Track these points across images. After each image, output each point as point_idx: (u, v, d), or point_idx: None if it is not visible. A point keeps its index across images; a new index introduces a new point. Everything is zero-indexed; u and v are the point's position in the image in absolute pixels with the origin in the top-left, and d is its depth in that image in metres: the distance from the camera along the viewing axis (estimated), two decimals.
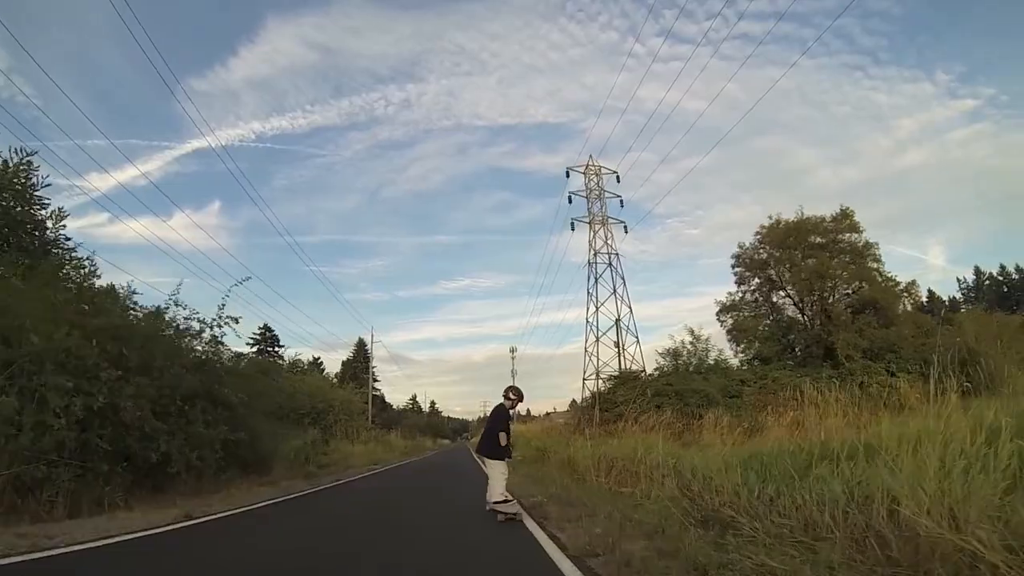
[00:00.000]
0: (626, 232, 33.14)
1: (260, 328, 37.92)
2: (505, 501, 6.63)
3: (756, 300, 28.19)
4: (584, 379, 31.33)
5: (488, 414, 7.97)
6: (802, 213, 26.69)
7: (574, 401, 38.27)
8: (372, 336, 48.92)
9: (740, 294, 28.57)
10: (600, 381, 28.33)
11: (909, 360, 19.37)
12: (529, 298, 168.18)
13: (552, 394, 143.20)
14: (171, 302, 10.48)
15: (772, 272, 27.15)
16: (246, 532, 6.49)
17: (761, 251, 27.57)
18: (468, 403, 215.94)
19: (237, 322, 11.26)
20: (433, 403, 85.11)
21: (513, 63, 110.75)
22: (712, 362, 23.24)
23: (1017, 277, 48.61)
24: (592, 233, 32.26)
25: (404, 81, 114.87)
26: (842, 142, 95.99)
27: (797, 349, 25.52)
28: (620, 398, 21.71)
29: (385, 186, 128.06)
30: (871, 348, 21.59)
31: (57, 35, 66.01)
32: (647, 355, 32.35)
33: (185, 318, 10.56)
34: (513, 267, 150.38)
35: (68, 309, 8.31)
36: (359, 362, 51.48)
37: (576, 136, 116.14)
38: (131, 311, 10.04)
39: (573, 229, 32.96)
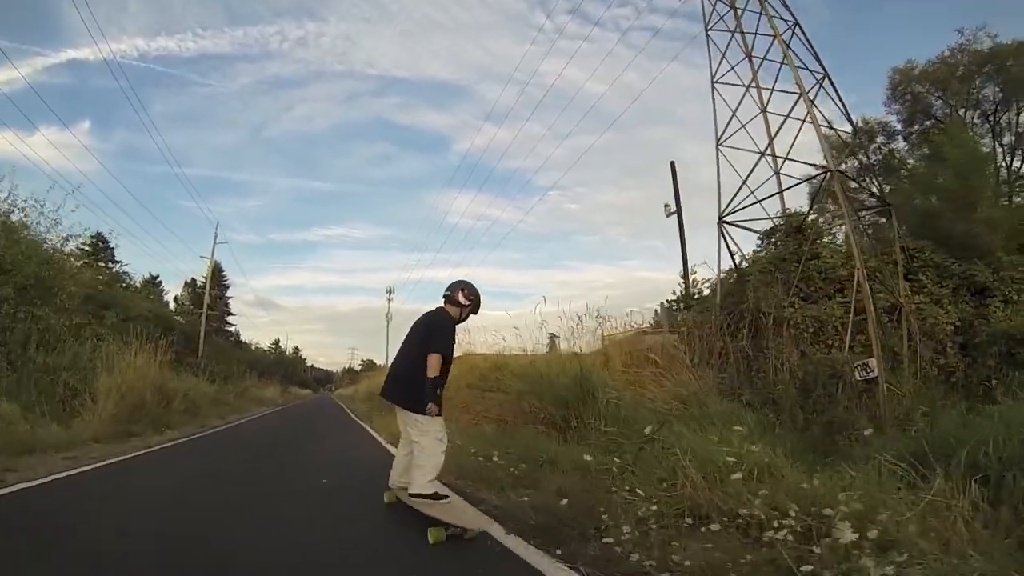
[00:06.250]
0: None
1: (92, 237, 24.74)
2: (436, 496, 3.27)
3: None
4: (722, 218, 10.66)
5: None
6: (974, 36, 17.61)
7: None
8: (216, 233, 32.40)
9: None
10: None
11: None
12: (402, 253, 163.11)
13: None
14: None
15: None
16: None
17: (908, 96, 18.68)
18: (333, 354, 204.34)
19: None
20: (297, 348, 78.09)
21: (416, 14, 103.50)
22: None
23: None
24: None
25: (304, 18, 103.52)
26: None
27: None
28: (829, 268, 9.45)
29: (268, 124, 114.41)
30: None
31: None
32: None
33: None
34: (389, 220, 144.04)
35: None
36: (212, 290, 36.01)
37: (469, 98, 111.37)
38: None
39: None
